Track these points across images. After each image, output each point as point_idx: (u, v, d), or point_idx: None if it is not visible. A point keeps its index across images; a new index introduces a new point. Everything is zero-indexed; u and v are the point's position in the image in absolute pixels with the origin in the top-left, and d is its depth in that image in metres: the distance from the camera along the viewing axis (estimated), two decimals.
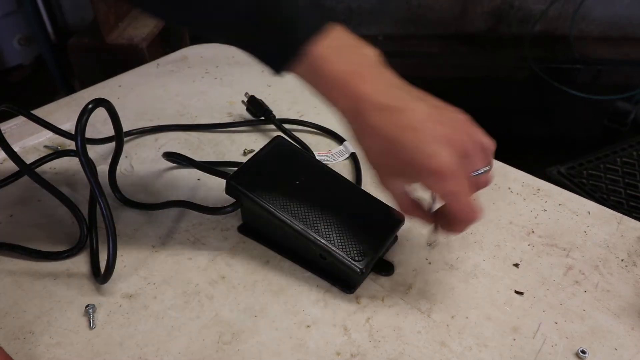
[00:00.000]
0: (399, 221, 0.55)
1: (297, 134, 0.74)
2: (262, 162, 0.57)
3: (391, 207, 0.54)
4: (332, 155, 0.71)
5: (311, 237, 0.51)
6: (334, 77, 0.43)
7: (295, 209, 0.52)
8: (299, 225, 0.51)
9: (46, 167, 0.68)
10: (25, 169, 0.56)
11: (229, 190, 0.54)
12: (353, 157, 0.70)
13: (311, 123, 0.76)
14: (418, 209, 0.48)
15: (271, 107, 0.76)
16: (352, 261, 0.50)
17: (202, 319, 0.50)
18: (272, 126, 0.76)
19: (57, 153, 0.69)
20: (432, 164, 0.41)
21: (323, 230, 0.51)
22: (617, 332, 0.49)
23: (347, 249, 0.50)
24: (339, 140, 0.74)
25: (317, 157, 0.70)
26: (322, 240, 0.50)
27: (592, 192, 1.51)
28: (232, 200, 0.55)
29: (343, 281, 0.53)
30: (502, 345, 0.48)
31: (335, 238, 0.51)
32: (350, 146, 0.72)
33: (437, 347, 0.48)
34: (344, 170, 0.69)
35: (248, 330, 0.49)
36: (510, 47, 2.67)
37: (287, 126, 0.76)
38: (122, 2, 0.47)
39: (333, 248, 0.50)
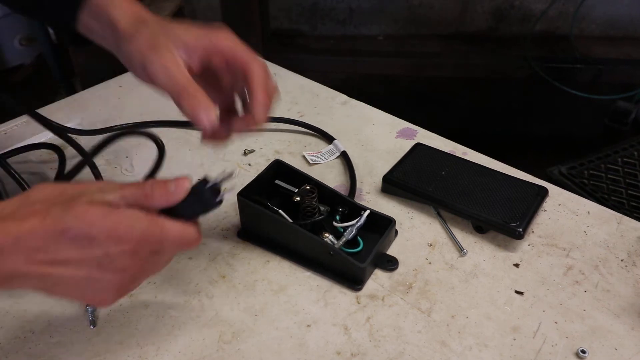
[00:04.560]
0: (540, 192, 0.62)
1: (288, 134, 0.75)
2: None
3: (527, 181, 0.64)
4: (323, 155, 0.71)
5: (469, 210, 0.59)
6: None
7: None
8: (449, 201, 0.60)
9: (46, 167, 0.69)
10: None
11: None
12: (344, 155, 0.70)
13: (302, 122, 0.76)
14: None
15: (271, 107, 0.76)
16: (511, 224, 0.56)
17: (202, 318, 0.50)
18: (273, 126, 0.76)
19: (36, 145, 0.69)
20: None
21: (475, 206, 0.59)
22: (617, 331, 0.49)
23: (503, 217, 0.57)
24: (329, 139, 0.74)
25: (307, 156, 0.70)
26: (481, 213, 0.58)
27: (593, 192, 1.51)
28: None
29: (349, 279, 0.53)
30: (502, 344, 0.48)
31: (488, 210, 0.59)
32: (341, 145, 0.72)
33: (437, 346, 0.48)
34: (335, 168, 0.69)
35: (248, 330, 0.49)
36: (510, 47, 2.67)
37: (282, 125, 0.76)
38: None
39: (491, 217, 0.57)
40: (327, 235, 0.55)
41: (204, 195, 0.41)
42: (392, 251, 0.57)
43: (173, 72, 0.43)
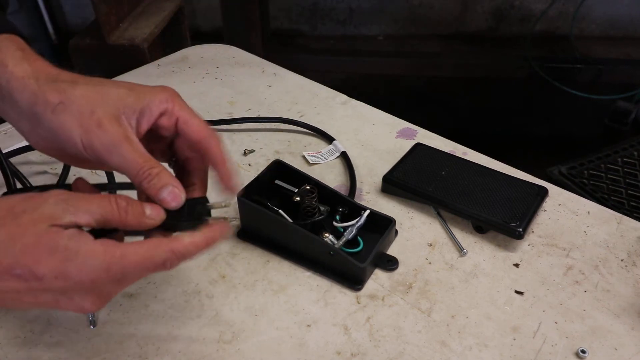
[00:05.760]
0: (540, 192, 0.62)
1: (288, 134, 0.75)
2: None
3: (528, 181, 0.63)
4: (323, 155, 0.71)
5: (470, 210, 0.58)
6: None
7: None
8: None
9: (47, 167, 0.69)
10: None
11: None
12: (344, 155, 0.70)
13: (302, 122, 0.76)
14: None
15: (271, 107, 0.77)
16: (511, 224, 0.56)
17: (202, 318, 0.50)
18: (273, 126, 0.76)
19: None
20: None
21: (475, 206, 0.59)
22: (617, 331, 0.49)
23: (503, 217, 0.57)
24: (329, 139, 0.74)
25: (307, 156, 0.70)
26: (481, 213, 0.58)
27: (593, 192, 1.51)
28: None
29: (349, 279, 0.53)
30: (502, 344, 0.48)
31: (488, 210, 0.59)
32: (340, 145, 0.72)
33: (437, 346, 0.48)
34: (335, 168, 0.69)
35: (248, 330, 0.49)
36: (510, 47, 2.68)
37: (277, 125, 0.76)
38: None
39: (491, 217, 0.57)
40: (327, 235, 0.55)
41: (196, 208, 0.40)
42: (392, 251, 0.57)
43: (126, 152, 0.37)
